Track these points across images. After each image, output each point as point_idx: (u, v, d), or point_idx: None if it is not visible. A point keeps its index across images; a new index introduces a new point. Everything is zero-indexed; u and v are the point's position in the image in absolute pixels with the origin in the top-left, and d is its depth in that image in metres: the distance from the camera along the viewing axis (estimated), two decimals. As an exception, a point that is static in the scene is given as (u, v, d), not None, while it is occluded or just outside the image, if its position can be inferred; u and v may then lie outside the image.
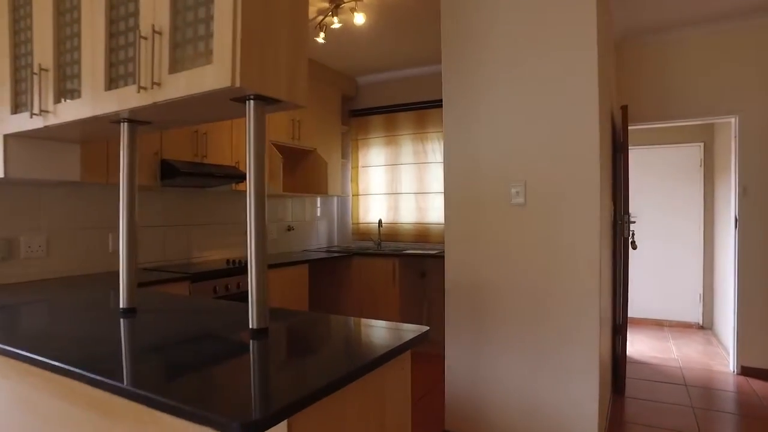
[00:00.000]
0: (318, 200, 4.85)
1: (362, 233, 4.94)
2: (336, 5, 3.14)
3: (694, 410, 2.88)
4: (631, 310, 4.91)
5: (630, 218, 3.23)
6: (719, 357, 3.97)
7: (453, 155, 2.70)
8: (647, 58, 3.84)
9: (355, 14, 3.08)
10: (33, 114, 1.75)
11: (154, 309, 1.77)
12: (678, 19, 3.56)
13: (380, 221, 4.70)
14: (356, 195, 4.98)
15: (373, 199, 4.88)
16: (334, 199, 5.08)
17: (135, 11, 1.47)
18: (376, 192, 4.86)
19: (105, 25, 1.53)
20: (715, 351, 4.16)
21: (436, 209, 4.50)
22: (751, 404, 2.97)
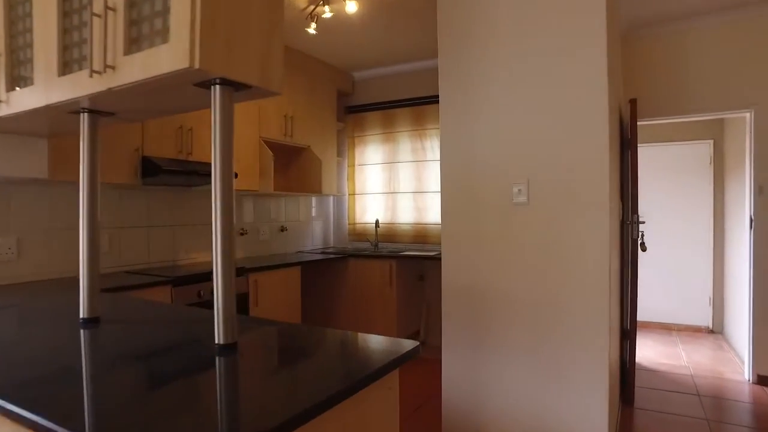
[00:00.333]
0: (313, 200, 4.69)
1: (359, 234, 4.78)
2: (328, -6, 2.98)
3: (709, 423, 2.71)
4: (638, 313, 4.72)
5: (639, 219, 3.06)
6: (732, 364, 3.79)
7: (450, 152, 2.53)
8: (655, 51, 3.67)
9: (347, 2, 2.91)
10: (-15, 104, 1.59)
11: (120, 319, 1.60)
12: (688, 9, 3.38)
13: (377, 221, 4.54)
14: (352, 194, 4.82)
15: (370, 199, 4.71)
16: (330, 199, 4.92)
17: (89, -14, 1.31)
18: (373, 191, 4.69)
19: (57, 3, 1.37)
20: (728, 357, 3.98)
21: (435, 209, 4.33)
22: (769, 416, 2.80)
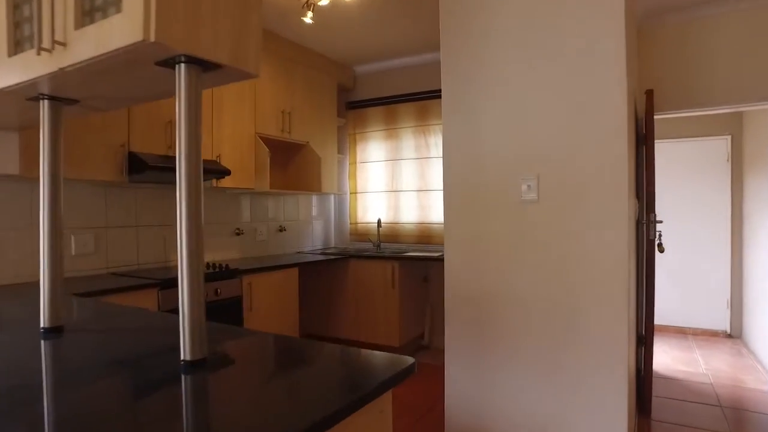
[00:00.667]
0: (313, 199, 4.54)
1: (361, 234, 4.62)
2: (325, -20, 2.81)
3: (733, 437, 2.52)
4: (652, 317, 4.52)
5: (656, 218, 2.87)
6: (754, 371, 3.59)
7: (452, 146, 2.36)
8: (670, 40, 3.47)
9: (345, -11, 2.75)
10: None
11: (86, 328, 1.46)
12: (708, -5, 3.19)
13: (379, 221, 4.38)
14: (354, 193, 4.66)
15: (372, 197, 4.55)
16: (331, 198, 4.76)
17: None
18: (375, 190, 4.53)
19: (8, -25, 1.22)
20: (749, 364, 3.78)
21: (439, 208, 4.16)
22: (798, 430, 2.60)
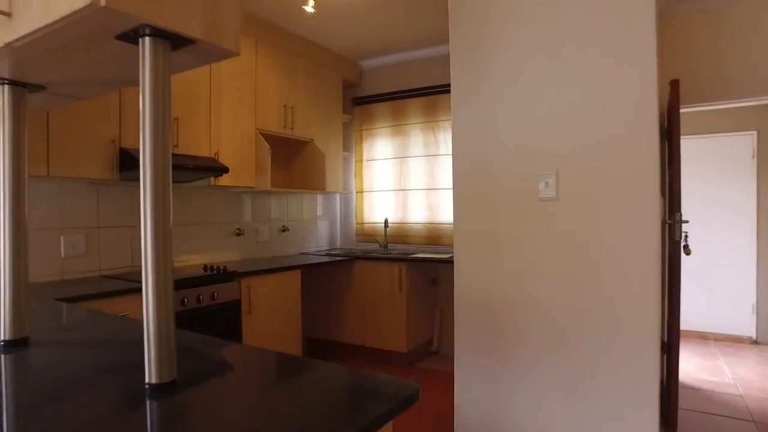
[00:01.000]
0: (319, 198, 4.38)
1: (367, 234, 4.46)
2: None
3: (769, 456, 2.32)
4: (673, 322, 4.30)
5: (682, 218, 2.67)
6: (784, 381, 3.36)
7: (463, 140, 2.19)
8: (693, 28, 3.26)
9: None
10: None
11: (54, 340, 1.31)
12: (737, -21, 2.97)
13: (386, 221, 4.21)
14: (360, 192, 4.50)
15: (379, 196, 4.39)
16: (336, 197, 4.61)
17: None
18: (382, 188, 4.36)
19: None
20: (777, 372, 3.55)
21: (449, 207, 3.99)
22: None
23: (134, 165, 2.44)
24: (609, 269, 1.81)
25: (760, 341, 4.34)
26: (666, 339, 2.82)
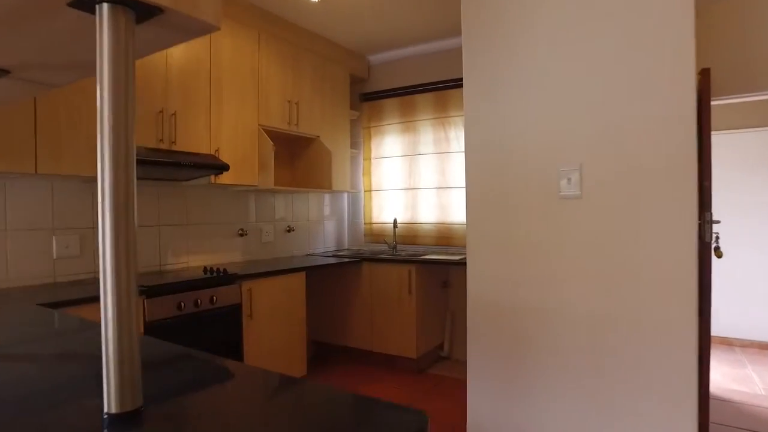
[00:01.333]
0: (326, 197, 4.24)
1: (376, 235, 4.31)
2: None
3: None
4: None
5: (712, 218, 2.48)
6: (820, 392, 3.15)
7: (476, 133, 2.03)
8: (730, 12, 3.06)
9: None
10: None
11: (14, 353, 1.17)
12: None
13: (395, 221, 4.06)
14: (368, 191, 4.35)
15: (388, 196, 4.23)
16: (344, 196, 4.46)
17: None
18: (392, 187, 4.21)
19: None
20: (812, 383, 3.33)
21: (461, 206, 3.83)
22: None
23: (128, 162, 2.31)
24: (640, 273, 1.64)
25: (791, 348, 4.11)
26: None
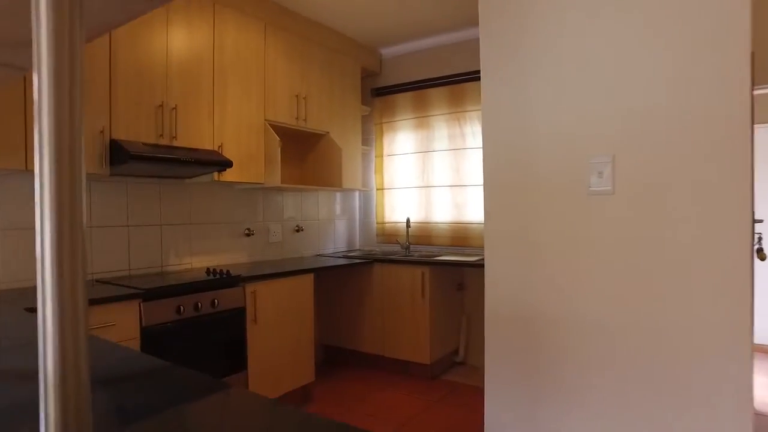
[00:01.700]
0: (337, 196, 4.10)
1: (388, 234, 4.15)
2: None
3: None
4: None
5: (754, 217, 2.27)
6: None
7: (495, 127, 1.86)
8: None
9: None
10: None
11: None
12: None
13: (408, 220, 3.89)
14: (381, 189, 4.19)
15: (401, 194, 4.07)
16: (356, 195, 4.31)
17: None
18: (404, 185, 4.05)
19: None
20: None
21: (477, 205, 3.65)
22: None
23: (123, 158, 2.19)
24: (684, 278, 1.46)
25: (833, 357, 3.84)
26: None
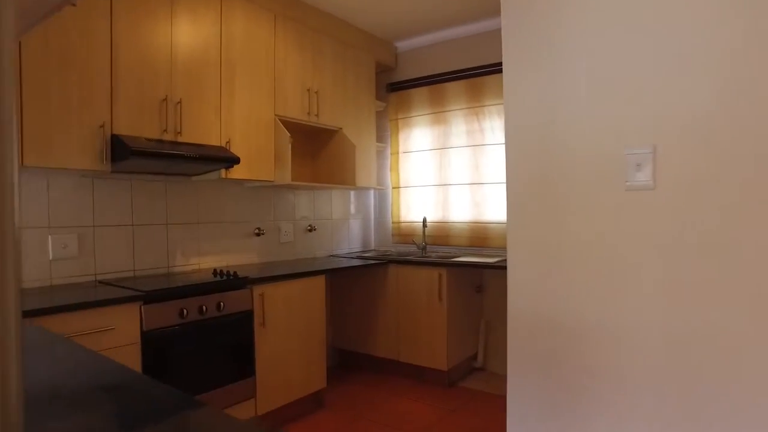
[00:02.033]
0: (351, 194, 3.97)
1: (404, 234, 4.00)
2: None
3: None
4: None
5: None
6: None
7: (518, 110, 1.70)
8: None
9: None
10: None
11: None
12: None
13: (425, 220, 3.74)
14: (396, 187, 4.05)
15: (417, 192, 3.92)
16: (371, 193, 4.18)
17: None
18: (421, 183, 3.90)
19: None
20: None
21: (497, 204, 3.48)
22: None
23: (125, 154, 2.10)
24: (736, 285, 1.28)
25: None
26: None
